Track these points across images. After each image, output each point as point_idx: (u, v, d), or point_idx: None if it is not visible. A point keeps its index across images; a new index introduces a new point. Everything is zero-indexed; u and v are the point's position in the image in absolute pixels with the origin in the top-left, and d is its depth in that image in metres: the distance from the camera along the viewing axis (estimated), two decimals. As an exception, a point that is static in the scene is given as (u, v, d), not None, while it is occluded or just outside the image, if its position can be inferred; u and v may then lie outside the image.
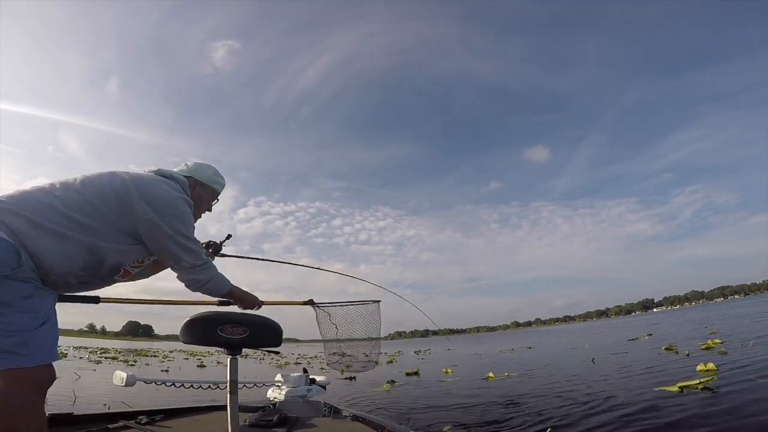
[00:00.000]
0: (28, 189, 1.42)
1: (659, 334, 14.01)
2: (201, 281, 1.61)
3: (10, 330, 1.24)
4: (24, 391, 1.25)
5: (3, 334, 1.23)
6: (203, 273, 1.61)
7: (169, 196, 1.54)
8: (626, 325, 34.93)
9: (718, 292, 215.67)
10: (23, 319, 1.28)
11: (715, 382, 3.95)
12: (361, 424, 2.67)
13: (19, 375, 1.24)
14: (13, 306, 1.27)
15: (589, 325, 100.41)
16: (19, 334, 1.25)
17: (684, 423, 2.90)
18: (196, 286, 1.62)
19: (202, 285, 1.62)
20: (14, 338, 1.24)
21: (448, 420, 3.80)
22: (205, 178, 1.81)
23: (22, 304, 1.29)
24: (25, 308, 1.29)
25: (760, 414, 2.85)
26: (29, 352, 1.26)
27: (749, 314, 18.49)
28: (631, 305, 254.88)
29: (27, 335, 1.27)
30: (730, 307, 43.43)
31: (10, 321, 1.25)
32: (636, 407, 3.49)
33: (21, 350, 1.24)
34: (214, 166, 1.86)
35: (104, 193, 1.45)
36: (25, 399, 1.25)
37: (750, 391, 3.51)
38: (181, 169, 1.79)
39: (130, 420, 2.52)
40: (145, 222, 1.47)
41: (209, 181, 1.82)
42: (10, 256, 1.25)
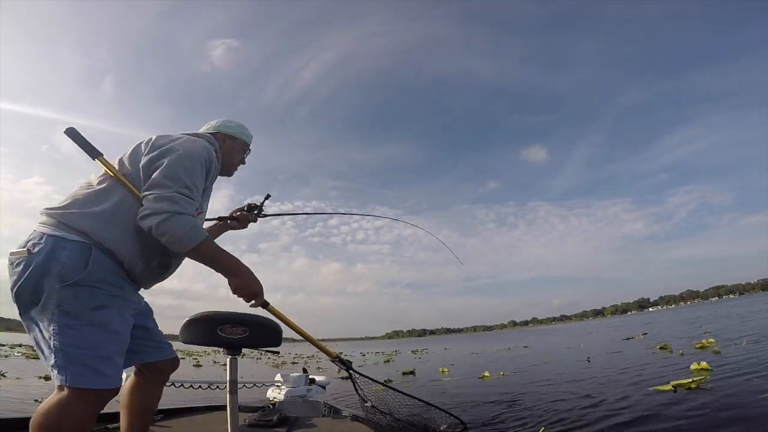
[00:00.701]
0: (77, 189, 1.43)
1: (654, 333, 14.08)
2: (161, 216, 1.31)
3: (78, 345, 1.22)
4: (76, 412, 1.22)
5: (71, 348, 1.21)
6: (172, 206, 1.33)
7: (189, 140, 1.54)
8: (622, 324, 35.07)
9: (713, 292, 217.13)
10: (91, 333, 1.26)
11: (708, 381, 3.98)
12: (360, 424, 2.68)
13: (81, 395, 1.22)
14: (81, 318, 1.25)
15: (585, 324, 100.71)
16: (85, 351, 1.23)
17: (676, 421, 2.93)
18: (155, 219, 1.31)
19: (163, 219, 1.31)
20: (78, 353, 1.22)
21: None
22: (232, 131, 1.82)
23: (90, 316, 1.26)
24: (92, 320, 1.26)
25: (751, 412, 2.89)
26: (89, 372, 1.23)
27: (743, 313, 18.61)
28: (627, 304, 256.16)
29: (99, 354, 1.25)
30: (724, 306, 43.69)
31: (78, 335, 1.23)
32: (629, 406, 3.53)
33: (74, 368, 1.22)
34: (237, 120, 1.87)
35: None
36: (72, 419, 1.22)
37: (742, 390, 3.55)
38: (207, 127, 1.81)
39: None
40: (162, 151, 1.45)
41: (237, 133, 1.83)
42: (79, 260, 1.26)
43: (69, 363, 1.20)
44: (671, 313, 52.44)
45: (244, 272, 1.48)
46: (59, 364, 1.20)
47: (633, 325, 26.86)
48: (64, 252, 1.24)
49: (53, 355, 1.20)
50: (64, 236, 1.26)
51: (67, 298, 1.22)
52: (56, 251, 1.23)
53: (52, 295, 1.21)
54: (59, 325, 1.21)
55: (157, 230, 1.31)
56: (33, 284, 1.22)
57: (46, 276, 1.21)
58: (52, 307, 1.21)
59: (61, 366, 1.20)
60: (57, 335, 1.21)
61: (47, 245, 1.24)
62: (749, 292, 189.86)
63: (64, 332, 1.21)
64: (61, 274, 1.22)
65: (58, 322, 1.21)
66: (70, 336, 1.21)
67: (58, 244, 1.25)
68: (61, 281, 1.22)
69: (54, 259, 1.23)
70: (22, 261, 1.23)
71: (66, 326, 1.21)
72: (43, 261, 1.22)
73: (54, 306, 1.21)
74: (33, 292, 1.22)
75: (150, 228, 1.32)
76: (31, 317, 1.26)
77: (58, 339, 1.21)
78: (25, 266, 1.22)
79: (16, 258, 1.24)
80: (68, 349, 1.21)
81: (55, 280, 1.21)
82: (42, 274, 1.21)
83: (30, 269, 1.21)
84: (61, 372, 1.20)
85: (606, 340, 14.57)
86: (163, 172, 1.38)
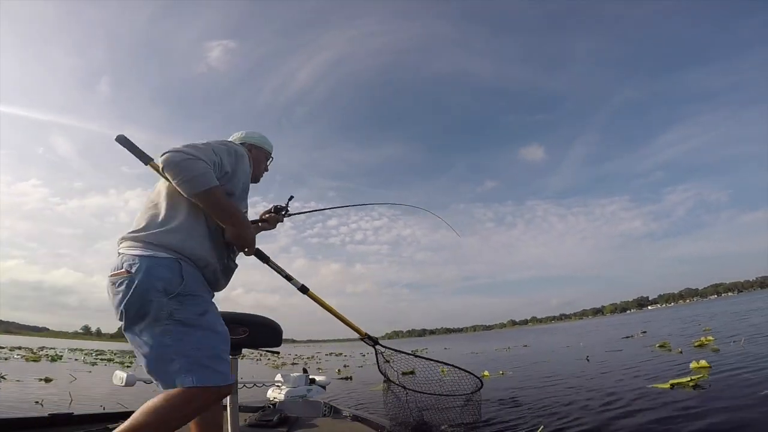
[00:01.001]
0: (146, 209, 1.56)
1: (653, 331, 14.10)
2: (181, 154, 1.42)
3: (196, 348, 1.35)
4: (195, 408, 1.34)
5: (192, 352, 1.34)
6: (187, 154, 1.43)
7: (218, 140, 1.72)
8: (621, 323, 35.11)
9: (712, 290, 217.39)
10: (204, 336, 1.39)
11: (706, 379, 3.99)
12: (361, 424, 2.69)
13: (207, 393, 1.34)
14: (192, 324, 1.38)
15: (584, 323, 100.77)
16: (204, 351, 1.36)
17: (675, 419, 2.93)
18: (173, 158, 1.42)
19: (177, 162, 1.41)
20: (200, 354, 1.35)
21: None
22: (256, 141, 1.97)
23: (199, 322, 1.40)
24: (202, 325, 1.40)
25: (749, 410, 2.89)
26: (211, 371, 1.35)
27: (742, 311, 18.64)
28: (626, 303, 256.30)
29: (215, 353, 1.39)
30: (723, 304, 43.77)
31: (194, 339, 1.37)
32: (628, 404, 3.54)
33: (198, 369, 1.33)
34: (259, 131, 2.01)
35: None
36: (188, 414, 1.35)
37: (740, 388, 3.55)
38: (232, 139, 1.94)
39: None
40: None
41: (261, 143, 1.99)
42: (175, 274, 1.40)
43: (191, 365, 1.32)
44: (670, 312, 52.52)
45: (241, 221, 1.57)
46: (183, 368, 1.32)
47: (632, 323, 26.89)
48: (159, 269, 1.37)
49: (173, 361, 1.33)
50: (155, 254, 1.39)
51: (176, 308, 1.36)
52: (153, 269, 1.37)
53: (162, 307, 1.35)
54: (175, 333, 1.35)
55: (173, 167, 1.41)
56: (140, 300, 1.34)
57: (151, 291, 1.34)
58: (164, 318, 1.35)
59: (186, 369, 1.32)
60: (176, 342, 1.34)
61: (143, 264, 1.36)
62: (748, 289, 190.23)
63: (181, 338, 1.35)
64: (165, 289, 1.36)
65: (173, 330, 1.35)
66: (186, 341, 1.35)
67: (152, 262, 1.38)
68: (166, 294, 1.36)
69: (154, 276, 1.36)
70: (124, 281, 1.35)
71: (181, 333, 1.35)
72: (144, 279, 1.35)
73: (166, 317, 1.35)
74: (140, 307, 1.34)
75: (167, 161, 1.41)
76: (137, 330, 1.38)
77: (177, 345, 1.34)
78: (128, 285, 1.35)
79: (117, 279, 1.37)
80: (189, 353, 1.34)
81: (160, 294, 1.35)
82: (146, 290, 1.34)
83: (134, 287, 1.34)
84: (188, 375, 1.31)
85: (605, 338, 14.58)
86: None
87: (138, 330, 1.37)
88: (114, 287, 1.38)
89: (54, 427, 2.32)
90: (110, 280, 1.40)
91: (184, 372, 1.31)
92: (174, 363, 1.32)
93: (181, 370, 1.32)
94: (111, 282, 1.39)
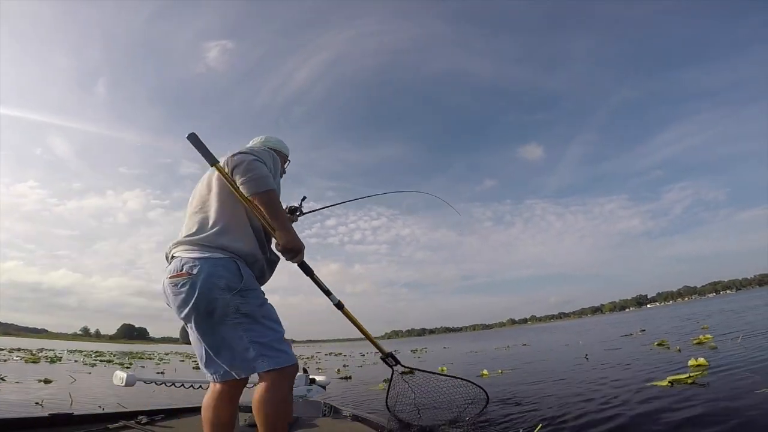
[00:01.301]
0: (194, 212, 1.69)
1: (652, 329, 14.13)
2: (251, 156, 1.64)
3: (264, 335, 1.53)
4: (286, 386, 1.53)
5: (261, 339, 1.52)
6: (256, 157, 1.65)
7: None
8: (620, 321, 35.18)
9: (710, 288, 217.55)
10: (267, 324, 1.57)
11: (704, 377, 4.01)
12: (360, 424, 2.70)
13: (285, 372, 1.52)
14: (256, 315, 1.55)
15: (583, 321, 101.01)
16: (271, 337, 1.54)
17: (673, 416, 2.95)
18: (246, 156, 1.63)
19: (249, 161, 1.61)
20: (269, 340, 1.53)
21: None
22: (273, 145, 2.05)
23: (261, 312, 1.58)
24: (264, 315, 1.58)
25: (746, 407, 2.91)
26: (281, 353, 1.53)
27: (740, 309, 18.70)
28: (625, 301, 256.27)
29: (279, 337, 1.56)
30: (721, 302, 43.85)
31: (261, 328, 1.54)
32: (626, 401, 3.56)
33: (271, 353, 1.51)
34: (277, 136, 2.12)
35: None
36: (286, 393, 1.53)
37: (738, 385, 3.57)
38: (253, 144, 2.04)
39: (130, 420, 2.54)
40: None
41: (279, 147, 2.07)
42: (234, 272, 1.53)
43: (266, 350, 1.50)
44: (669, 310, 52.62)
45: (293, 230, 1.67)
46: (258, 355, 1.50)
47: (631, 321, 26.96)
48: (219, 269, 1.51)
49: (248, 350, 1.50)
50: (212, 256, 1.53)
51: (241, 303, 1.52)
52: (213, 269, 1.50)
53: (228, 303, 1.50)
54: (244, 325, 1.52)
55: (245, 167, 1.57)
56: (206, 299, 1.48)
57: (215, 290, 1.48)
58: (232, 313, 1.51)
59: (262, 355, 1.50)
60: (247, 333, 1.51)
61: (203, 266, 1.50)
62: (746, 287, 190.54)
63: (250, 329, 1.52)
64: (228, 286, 1.50)
65: (242, 322, 1.52)
66: (255, 331, 1.52)
67: (211, 263, 1.51)
68: (229, 291, 1.50)
69: (215, 275, 1.49)
70: (187, 282, 1.49)
71: (249, 324, 1.52)
72: (207, 278, 1.48)
73: (234, 311, 1.51)
74: (207, 305, 1.49)
75: (241, 162, 1.58)
76: (206, 327, 1.53)
77: (249, 336, 1.51)
78: (192, 286, 1.48)
79: (180, 280, 1.51)
80: (261, 341, 1.51)
81: (225, 291, 1.49)
82: (210, 289, 1.48)
83: (198, 287, 1.48)
84: (264, 360, 1.49)
85: (604, 337, 14.60)
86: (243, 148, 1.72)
87: (208, 326, 1.53)
88: (176, 288, 1.51)
89: (54, 428, 2.32)
90: (171, 282, 1.53)
91: (260, 358, 1.49)
92: (249, 351, 1.49)
93: (256, 357, 1.49)
94: (172, 284, 1.52)
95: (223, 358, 1.55)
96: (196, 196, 1.75)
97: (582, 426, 3.06)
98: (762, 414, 2.72)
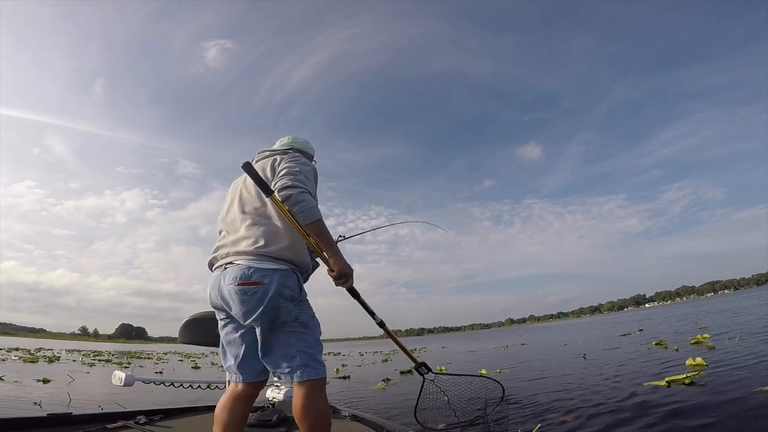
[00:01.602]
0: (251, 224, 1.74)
1: (650, 329, 14.19)
2: (298, 189, 1.65)
3: (313, 346, 1.65)
4: (323, 398, 1.63)
5: (311, 350, 1.63)
6: (303, 189, 1.68)
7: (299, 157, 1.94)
8: (618, 320, 35.28)
9: (708, 287, 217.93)
10: (316, 336, 1.69)
11: (702, 377, 4.03)
12: (360, 424, 2.69)
13: (319, 383, 1.62)
14: (310, 326, 1.68)
15: (581, 321, 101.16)
16: (317, 349, 1.66)
17: (670, 416, 2.97)
18: (292, 190, 1.65)
19: (296, 194, 1.64)
20: (314, 351, 1.64)
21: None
22: (300, 146, 2.09)
23: (313, 323, 1.70)
24: (314, 326, 1.71)
25: (742, 407, 2.93)
26: (321, 366, 1.64)
27: (737, 308, 18.78)
28: (624, 301, 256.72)
29: (321, 350, 1.69)
30: (719, 301, 44.04)
31: (312, 338, 1.66)
32: (624, 401, 3.58)
33: (314, 364, 1.62)
34: (303, 136, 2.15)
35: None
36: (326, 404, 1.64)
37: (734, 385, 3.60)
38: (281, 144, 2.09)
39: (128, 420, 2.53)
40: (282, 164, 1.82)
41: (306, 148, 2.10)
42: (296, 283, 1.68)
43: (310, 360, 1.60)
44: (667, 309, 52.77)
45: (342, 256, 1.74)
46: (302, 363, 1.59)
47: (629, 321, 27.04)
48: (285, 279, 1.64)
49: (295, 357, 1.59)
50: (279, 267, 1.65)
51: (300, 312, 1.65)
52: (281, 279, 1.62)
53: (290, 311, 1.62)
54: (299, 333, 1.63)
55: (294, 201, 1.63)
56: (273, 306, 1.60)
57: (280, 299, 1.60)
58: (291, 321, 1.63)
59: (306, 365, 1.59)
60: (298, 341, 1.62)
61: (273, 276, 1.62)
62: (744, 287, 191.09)
63: (302, 338, 1.63)
64: (291, 296, 1.63)
65: (297, 331, 1.63)
66: (306, 340, 1.63)
67: (279, 274, 1.63)
68: (291, 301, 1.63)
69: (283, 285, 1.62)
70: (257, 290, 1.60)
71: (304, 333, 1.64)
72: (276, 288, 1.60)
73: (293, 320, 1.63)
74: (273, 312, 1.60)
75: (290, 196, 1.63)
76: (266, 332, 1.63)
77: (300, 344, 1.61)
78: (262, 294, 1.59)
79: (250, 289, 1.60)
80: (309, 351, 1.62)
81: (288, 301, 1.62)
82: (277, 297, 1.60)
83: (269, 296, 1.59)
84: (306, 370, 1.58)
85: (602, 336, 14.65)
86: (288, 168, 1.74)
87: (268, 331, 1.63)
88: (245, 295, 1.61)
89: (53, 427, 2.32)
90: (240, 288, 1.61)
91: (303, 367, 1.58)
92: (296, 359, 1.59)
93: (300, 366, 1.58)
94: (241, 291, 1.61)
95: (268, 360, 1.64)
96: (245, 203, 1.80)
97: (579, 426, 3.08)
98: (758, 415, 2.74)
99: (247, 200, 1.81)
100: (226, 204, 1.90)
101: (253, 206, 1.78)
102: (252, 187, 1.81)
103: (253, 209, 1.77)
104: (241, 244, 1.69)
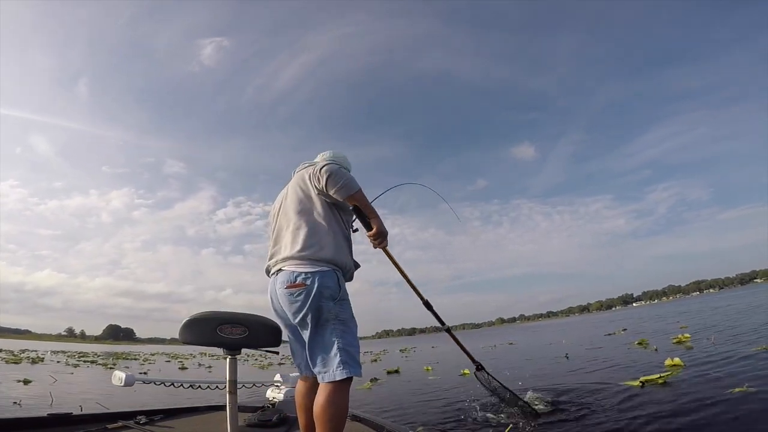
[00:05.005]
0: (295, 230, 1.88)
1: (634, 328, 14.45)
2: (334, 165, 1.88)
3: (351, 345, 1.74)
4: (347, 396, 1.70)
5: (349, 348, 1.71)
6: (339, 165, 1.94)
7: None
8: (606, 320, 35.76)
9: (694, 287, 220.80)
10: (354, 334, 1.79)
11: (677, 377, 4.14)
12: (360, 424, 2.72)
13: (348, 382, 1.70)
14: (349, 324, 1.79)
15: (570, 320, 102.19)
16: (355, 348, 1.75)
17: (641, 417, 3.07)
18: (335, 166, 1.87)
19: (336, 169, 1.85)
20: (353, 350, 1.72)
21: (418, 418, 3.90)
22: (339, 160, 2.16)
23: (352, 322, 1.81)
24: (353, 324, 1.82)
25: (714, 408, 3.01)
26: (357, 365, 1.72)
27: (720, 308, 19.17)
28: (612, 300, 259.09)
29: (359, 350, 1.77)
30: (704, 301, 44.80)
31: (350, 337, 1.76)
32: (596, 402, 3.69)
33: (352, 362, 1.70)
34: (344, 153, 2.27)
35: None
36: (347, 401, 1.71)
37: (707, 385, 3.70)
38: (323, 157, 2.20)
39: (128, 420, 2.54)
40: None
41: (344, 162, 2.19)
42: (336, 283, 1.78)
43: (349, 359, 1.69)
44: (653, 309, 53.56)
45: (381, 219, 1.98)
46: (343, 360, 1.67)
47: (616, 320, 27.42)
48: (325, 280, 1.74)
49: (336, 355, 1.68)
50: (321, 269, 1.76)
51: (340, 311, 1.76)
52: (322, 281, 1.73)
53: (331, 310, 1.73)
54: (339, 332, 1.73)
55: (335, 175, 1.81)
56: (316, 306, 1.71)
57: (322, 299, 1.72)
58: (332, 319, 1.74)
59: (345, 362, 1.67)
60: (339, 339, 1.71)
61: (315, 278, 1.73)
62: (728, 286, 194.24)
63: (343, 336, 1.72)
64: (332, 295, 1.74)
65: (338, 329, 1.73)
66: (345, 339, 1.72)
67: (320, 275, 1.74)
68: (332, 300, 1.74)
69: (324, 286, 1.73)
70: (302, 292, 1.72)
71: (343, 331, 1.74)
72: (318, 289, 1.71)
73: (333, 318, 1.74)
74: (315, 311, 1.72)
75: (332, 171, 1.82)
76: (310, 330, 1.74)
77: (340, 342, 1.70)
78: (306, 295, 1.72)
79: (296, 290, 1.74)
80: (348, 349, 1.71)
81: (329, 300, 1.73)
82: (319, 297, 1.71)
83: (312, 296, 1.71)
84: (345, 366, 1.66)
85: (588, 336, 14.88)
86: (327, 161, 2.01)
87: (315, 330, 1.74)
88: (293, 297, 1.74)
89: (52, 427, 2.32)
90: (288, 292, 1.76)
91: (342, 365, 1.66)
92: (336, 357, 1.67)
93: (340, 363, 1.66)
94: (289, 293, 1.75)
95: (313, 358, 1.74)
96: (288, 212, 1.95)
97: (549, 425, 3.16)
98: (728, 416, 2.81)
99: (290, 209, 1.95)
100: (273, 214, 2.07)
101: (295, 214, 1.92)
102: (294, 196, 1.97)
103: (296, 217, 1.91)
104: (286, 251, 1.85)
